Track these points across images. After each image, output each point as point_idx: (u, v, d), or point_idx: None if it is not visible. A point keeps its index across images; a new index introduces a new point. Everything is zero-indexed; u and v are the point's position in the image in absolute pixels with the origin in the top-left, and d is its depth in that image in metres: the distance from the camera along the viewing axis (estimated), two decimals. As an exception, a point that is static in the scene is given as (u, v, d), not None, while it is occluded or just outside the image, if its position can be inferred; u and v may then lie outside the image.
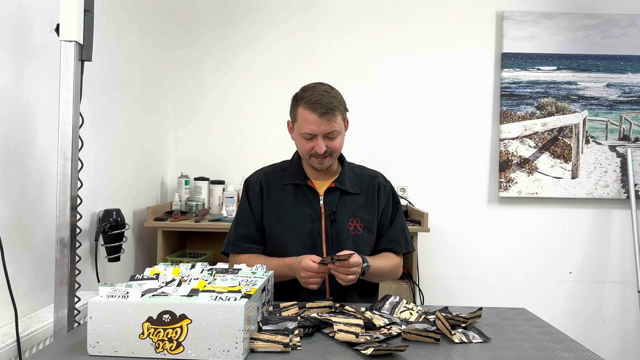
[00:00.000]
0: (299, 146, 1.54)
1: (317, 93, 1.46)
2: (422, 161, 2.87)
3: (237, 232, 1.58)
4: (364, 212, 1.57)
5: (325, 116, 1.45)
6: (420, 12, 2.86)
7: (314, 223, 1.53)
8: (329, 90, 1.49)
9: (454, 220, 2.87)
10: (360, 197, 1.59)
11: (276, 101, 2.83)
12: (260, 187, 1.59)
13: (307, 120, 1.46)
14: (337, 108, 1.47)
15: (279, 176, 1.60)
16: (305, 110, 1.46)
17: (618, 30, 2.81)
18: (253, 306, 1.03)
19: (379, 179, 1.65)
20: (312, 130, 1.46)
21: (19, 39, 1.45)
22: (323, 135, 1.47)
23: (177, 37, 2.86)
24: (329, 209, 1.54)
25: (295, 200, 1.55)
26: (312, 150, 1.49)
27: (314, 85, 1.52)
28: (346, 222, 1.54)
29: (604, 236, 2.88)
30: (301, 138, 1.50)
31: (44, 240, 1.58)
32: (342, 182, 1.57)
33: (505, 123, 2.82)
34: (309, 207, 1.54)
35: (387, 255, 1.59)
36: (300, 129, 1.49)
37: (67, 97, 1.24)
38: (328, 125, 1.46)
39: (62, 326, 1.24)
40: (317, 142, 1.47)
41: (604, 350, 2.83)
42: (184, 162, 2.88)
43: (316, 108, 1.44)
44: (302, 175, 1.58)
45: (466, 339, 1.12)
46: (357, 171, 1.65)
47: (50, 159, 1.60)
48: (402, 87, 2.87)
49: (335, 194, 1.56)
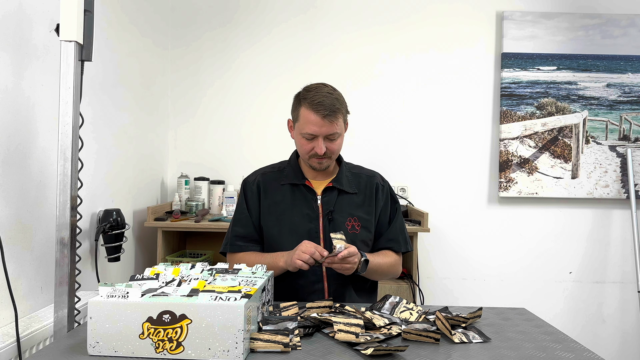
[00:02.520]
0: (299, 146, 1.54)
1: (320, 94, 1.46)
2: (422, 161, 2.87)
3: (234, 231, 1.59)
4: (361, 212, 1.57)
5: (328, 118, 1.45)
6: (420, 12, 2.86)
7: (312, 222, 1.53)
8: (332, 92, 1.49)
9: (453, 220, 2.87)
10: (357, 197, 1.59)
11: (276, 101, 2.83)
12: (258, 187, 1.59)
13: (309, 121, 1.46)
14: (339, 110, 1.47)
15: (276, 176, 1.61)
16: (308, 111, 1.46)
17: (618, 30, 2.81)
18: (253, 306, 1.03)
19: (377, 178, 1.65)
20: (314, 131, 1.47)
21: (19, 38, 1.45)
22: (324, 137, 1.47)
23: (177, 37, 2.86)
24: (326, 208, 1.55)
25: (293, 199, 1.56)
26: (312, 151, 1.50)
27: (317, 85, 1.51)
28: (344, 221, 1.54)
29: (604, 236, 2.88)
30: (302, 138, 1.51)
31: (44, 240, 1.58)
32: (339, 182, 1.57)
33: (505, 123, 2.82)
34: (307, 206, 1.55)
35: (386, 253, 1.59)
36: (301, 129, 1.50)
37: (67, 97, 1.24)
38: (330, 127, 1.46)
39: (62, 326, 1.24)
40: (318, 143, 1.47)
41: (604, 350, 2.83)
42: (184, 162, 2.88)
43: (319, 109, 1.45)
44: (299, 175, 1.58)
45: (466, 339, 1.12)
46: (355, 171, 1.66)
47: (50, 159, 1.60)
48: (402, 87, 2.87)
49: (332, 194, 1.56)
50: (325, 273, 1.52)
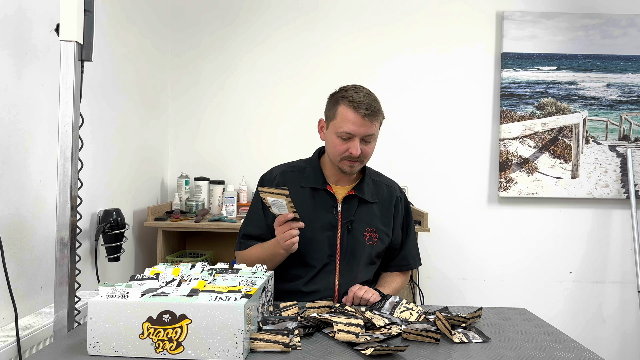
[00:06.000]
0: (332, 146, 1.46)
1: (360, 94, 1.43)
2: (422, 161, 2.87)
3: (246, 230, 1.55)
4: (379, 223, 1.54)
5: (368, 118, 1.41)
6: (420, 13, 2.86)
7: (331, 231, 1.49)
8: (370, 94, 1.46)
9: (454, 220, 2.87)
10: (376, 207, 1.55)
11: (276, 101, 2.82)
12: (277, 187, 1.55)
13: (348, 119, 1.41)
14: (379, 112, 1.44)
15: (296, 177, 1.54)
16: (348, 109, 1.41)
17: (618, 30, 2.81)
18: (253, 306, 1.03)
19: (396, 190, 1.62)
20: (352, 130, 1.41)
21: (19, 39, 1.45)
22: (360, 138, 1.43)
23: (177, 38, 2.86)
24: (346, 216, 1.50)
25: (313, 205, 1.50)
26: (346, 152, 1.43)
27: (355, 86, 1.48)
28: (362, 231, 1.51)
29: (604, 236, 2.88)
30: (336, 138, 1.44)
31: (44, 240, 1.58)
32: (361, 191, 1.53)
33: (505, 123, 2.82)
34: (327, 213, 1.49)
35: (395, 280, 1.60)
36: (338, 127, 1.43)
37: (67, 97, 1.24)
38: (369, 128, 1.42)
39: (62, 326, 1.24)
40: (354, 144, 1.42)
41: (604, 351, 2.83)
42: (184, 162, 2.88)
43: (360, 108, 1.40)
44: (321, 179, 1.52)
45: (466, 339, 1.12)
46: (375, 178, 1.61)
47: (50, 159, 1.59)
48: (402, 87, 2.87)
49: (353, 202, 1.52)
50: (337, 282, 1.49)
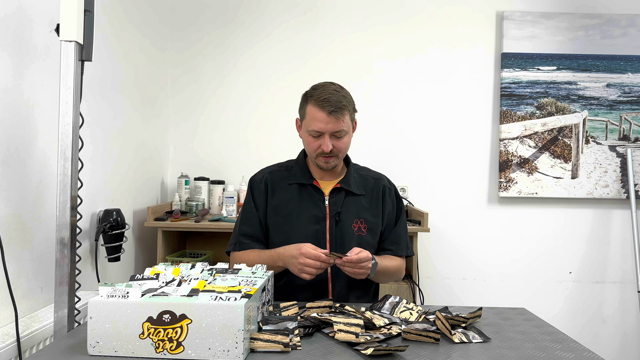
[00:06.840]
0: (306, 144, 1.54)
1: (326, 91, 1.47)
2: (422, 161, 2.87)
3: (241, 230, 1.58)
4: (368, 214, 1.57)
5: (334, 114, 1.45)
6: (420, 13, 2.86)
7: (319, 223, 1.53)
8: (338, 90, 1.49)
9: (454, 220, 2.87)
10: (364, 199, 1.59)
11: (276, 101, 2.82)
12: (265, 186, 1.58)
13: (315, 118, 1.47)
14: (345, 107, 1.47)
15: (284, 175, 1.60)
16: (314, 108, 1.47)
17: (618, 30, 2.81)
18: (253, 306, 1.03)
19: (384, 181, 1.65)
20: (320, 128, 1.46)
21: (19, 39, 1.45)
22: (330, 134, 1.47)
23: (177, 37, 2.86)
24: (334, 209, 1.54)
25: (300, 200, 1.55)
26: (318, 149, 1.49)
27: (324, 84, 1.52)
28: (350, 223, 1.54)
29: (604, 236, 2.88)
30: (308, 136, 1.51)
31: (44, 240, 1.58)
32: (347, 183, 1.57)
33: (505, 123, 2.82)
34: (314, 207, 1.54)
35: (392, 257, 1.59)
36: (308, 126, 1.50)
37: (67, 97, 1.24)
38: (336, 124, 1.46)
39: (62, 326, 1.24)
40: (324, 141, 1.47)
41: (604, 350, 2.83)
42: (184, 162, 2.88)
43: (325, 106, 1.45)
44: (307, 175, 1.58)
45: (466, 339, 1.12)
46: (362, 173, 1.65)
47: (50, 159, 1.60)
48: (402, 87, 2.87)
49: (340, 195, 1.56)
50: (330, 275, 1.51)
